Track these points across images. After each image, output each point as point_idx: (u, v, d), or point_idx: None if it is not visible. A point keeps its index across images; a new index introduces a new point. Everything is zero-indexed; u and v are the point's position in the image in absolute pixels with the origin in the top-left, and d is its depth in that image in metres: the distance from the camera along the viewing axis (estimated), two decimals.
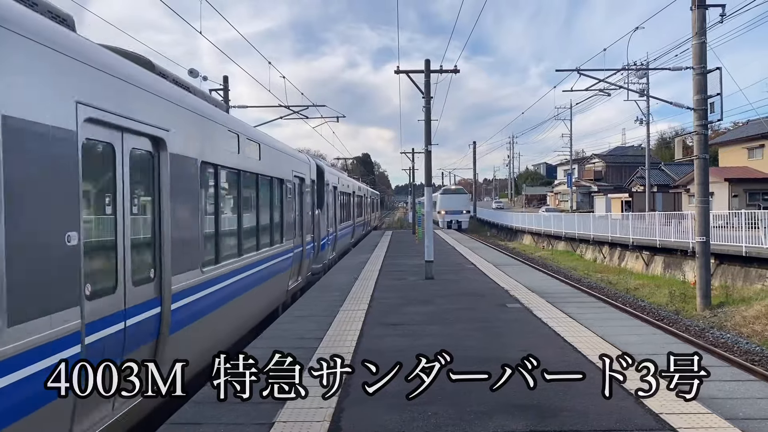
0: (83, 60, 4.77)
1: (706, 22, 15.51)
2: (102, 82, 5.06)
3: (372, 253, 24.21)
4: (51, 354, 4.15)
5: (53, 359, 4.10)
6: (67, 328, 4.36)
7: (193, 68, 20.07)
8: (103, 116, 4.99)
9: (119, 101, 5.31)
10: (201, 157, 7.30)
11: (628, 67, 23.50)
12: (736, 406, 5.83)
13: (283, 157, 12.58)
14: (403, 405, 6.01)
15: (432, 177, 17.98)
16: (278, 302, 12.39)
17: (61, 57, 4.46)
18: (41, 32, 4.30)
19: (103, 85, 5.08)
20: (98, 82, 5.00)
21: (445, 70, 17.44)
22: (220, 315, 8.03)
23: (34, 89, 4.18)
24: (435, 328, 9.71)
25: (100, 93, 5.00)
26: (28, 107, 4.05)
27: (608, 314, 10.64)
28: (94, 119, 4.85)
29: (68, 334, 4.38)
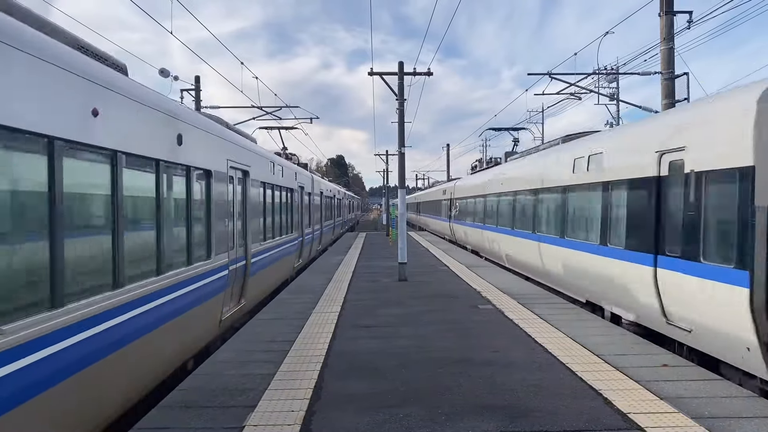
0: (230, 140, 10.58)
1: (674, 28, 15.80)
2: (234, 150, 10.77)
3: (346, 254, 24.16)
4: (224, 270, 9.75)
5: (225, 272, 9.76)
6: (226, 260, 9.90)
7: (164, 68, 19.80)
8: (233, 164, 10.64)
9: (237, 156, 11.02)
10: (260, 178, 13.28)
11: (599, 72, 23.80)
12: (701, 405, 5.94)
13: (294, 173, 18.97)
14: (374, 407, 6.01)
15: (406, 179, 18.01)
16: (289, 274, 17.55)
17: (225, 143, 10.20)
18: (229, 137, 10.70)
19: (234, 151, 10.76)
20: (233, 150, 10.71)
21: (419, 73, 17.49)
22: (267, 271, 13.79)
23: (219, 157, 9.69)
24: (408, 329, 9.72)
25: (233, 154, 10.67)
26: (218, 165, 9.54)
27: (578, 315, 10.76)
28: (232, 165, 10.52)
29: (226, 263, 9.91)
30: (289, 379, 6.99)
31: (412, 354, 8.12)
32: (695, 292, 7.66)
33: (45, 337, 4.64)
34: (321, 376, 7.14)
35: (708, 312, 7.41)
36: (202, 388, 6.72)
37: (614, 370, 7.16)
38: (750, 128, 6.73)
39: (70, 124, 5.12)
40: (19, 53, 4.46)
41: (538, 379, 6.89)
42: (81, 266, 5.34)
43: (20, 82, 4.47)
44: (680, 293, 8.05)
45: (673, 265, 8.21)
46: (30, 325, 4.46)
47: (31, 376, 4.43)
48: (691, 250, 7.80)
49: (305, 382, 6.88)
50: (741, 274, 6.68)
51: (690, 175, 7.94)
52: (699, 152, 7.80)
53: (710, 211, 7.51)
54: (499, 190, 20.26)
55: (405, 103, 17.31)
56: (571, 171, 12.97)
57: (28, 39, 4.64)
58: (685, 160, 8.11)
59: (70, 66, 5.20)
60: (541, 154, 16.05)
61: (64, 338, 4.92)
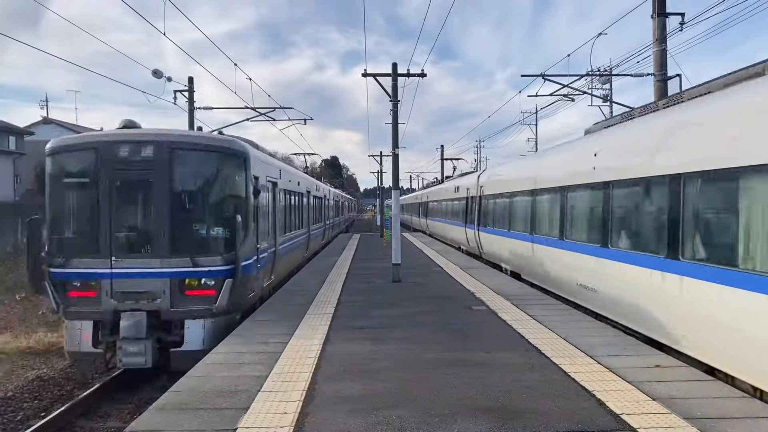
0: (267, 162, 13.94)
1: (666, 30, 15.87)
2: (269, 167, 13.90)
3: (340, 255, 24.14)
4: (269, 251, 13.64)
5: (271, 252, 13.96)
6: (270, 246, 13.80)
7: (157, 69, 19.75)
8: (268, 177, 13.62)
9: (269, 172, 13.78)
10: (286, 187, 16.66)
11: (592, 73, 23.89)
12: (694, 405, 5.96)
13: (310, 183, 24.31)
14: (367, 409, 6.00)
15: (400, 180, 18.01)
16: (300, 261, 20.84)
17: (265, 165, 13.50)
18: (265, 160, 14.17)
19: (268, 167, 13.67)
20: (270, 167, 14.04)
21: (413, 74, 17.50)
22: (290, 255, 17.57)
23: (263, 175, 12.93)
24: (401, 331, 9.71)
25: (271, 171, 14.02)
26: (273, 178, 14.53)
27: (571, 316, 10.77)
28: (268, 179, 13.60)
29: (270, 248, 13.87)
30: (282, 381, 6.98)
31: (406, 355, 8.12)
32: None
33: (289, 237, 16.82)
34: (314, 377, 7.13)
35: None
36: (195, 389, 6.70)
37: (607, 371, 7.18)
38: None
39: (299, 188, 19.89)
40: (263, 161, 13.08)
41: (531, 380, 6.91)
42: (299, 221, 18.87)
43: (269, 170, 13.79)
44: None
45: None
46: (286, 236, 16.14)
47: (283, 247, 15.56)
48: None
49: (298, 383, 6.87)
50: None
51: None
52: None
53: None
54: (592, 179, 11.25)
55: (399, 104, 17.32)
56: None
57: (263, 157, 13.61)
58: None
59: (271, 161, 14.80)
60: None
61: (293, 239, 17.42)
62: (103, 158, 10.19)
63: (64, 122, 65.87)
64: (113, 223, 10.16)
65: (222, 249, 10.46)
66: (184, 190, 10.58)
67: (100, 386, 10.52)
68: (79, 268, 10.08)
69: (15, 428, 9.15)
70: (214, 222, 10.70)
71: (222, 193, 10.98)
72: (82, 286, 10.06)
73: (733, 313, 6.69)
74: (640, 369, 7.26)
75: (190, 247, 10.30)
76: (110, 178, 10.16)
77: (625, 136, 10.55)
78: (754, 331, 6.31)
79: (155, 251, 10.16)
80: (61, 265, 10.08)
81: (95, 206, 10.18)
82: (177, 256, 10.14)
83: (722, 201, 7.32)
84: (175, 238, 10.22)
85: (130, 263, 10.07)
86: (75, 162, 10.56)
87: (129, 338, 9.76)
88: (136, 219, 10.49)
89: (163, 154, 10.25)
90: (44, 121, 62.56)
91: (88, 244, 10.22)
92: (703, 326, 7.36)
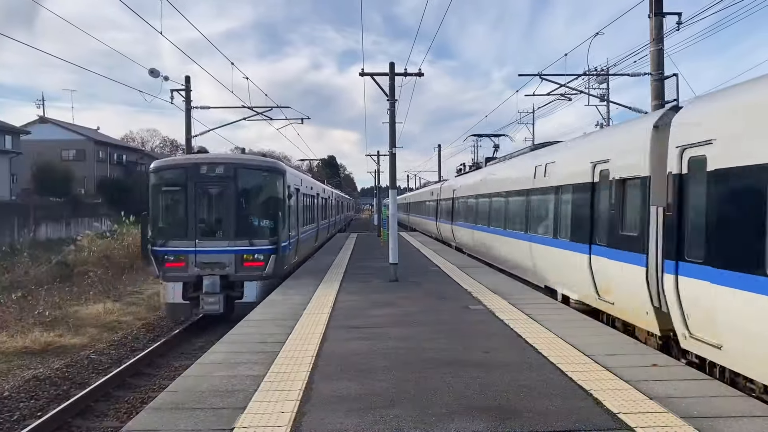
0: (294, 175, 19.53)
1: (663, 29, 15.88)
2: (295, 178, 18.86)
3: (337, 255, 24.13)
4: (295, 238, 18.41)
5: (295, 239, 18.43)
6: (295, 235, 18.52)
7: (153, 68, 19.74)
8: (295, 186, 18.58)
9: (295, 182, 18.67)
10: (304, 192, 20.80)
11: (589, 73, 23.91)
12: (691, 404, 5.96)
13: (319, 187, 28.84)
14: (364, 409, 6.00)
15: (397, 179, 18.02)
16: (312, 249, 25.17)
17: (293, 177, 18.65)
18: (293, 173, 19.82)
19: (294, 179, 18.67)
20: (295, 178, 19.07)
21: (410, 74, 17.51)
22: (306, 242, 21.24)
23: (292, 185, 17.87)
24: (398, 330, 9.71)
25: (296, 181, 19.05)
26: (297, 186, 19.44)
27: (569, 316, 10.78)
28: (295, 187, 18.81)
29: (295, 236, 18.51)
30: (279, 381, 6.97)
31: (403, 355, 8.11)
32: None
33: (306, 229, 21.81)
34: (311, 377, 7.12)
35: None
36: (192, 389, 6.68)
37: (604, 370, 7.18)
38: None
39: (312, 191, 24.62)
40: (292, 174, 18.38)
41: (528, 379, 6.91)
42: (312, 218, 24.15)
43: (295, 180, 18.82)
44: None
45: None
46: (304, 228, 21.09)
47: (303, 236, 20.58)
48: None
49: (295, 383, 6.86)
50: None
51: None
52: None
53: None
54: None
55: (396, 103, 17.34)
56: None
57: (292, 171, 19.71)
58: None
59: (296, 173, 20.86)
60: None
61: (309, 230, 22.72)
62: (189, 174, 15.20)
63: (60, 121, 65.75)
64: (196, 217, 15.15)
65: (268, 235, 15.52)
66: (243, 195, 15.49)
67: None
68: (174, 247, 15.00)
69: (11, 428, 9.12)
70: (262, 217, 15.72)
71: (268, 198, 15.95)
72: (175, 259, 14.94)
73: (550, 256, 13.43)
74: (636, 368, 7.27)
75: (247, 233, 15.28)
76: (194, 187, 15.11)
77: (495, 168, 21.29)
78: (553, 260, 13.22)
79: (224, 236, 15.14)
80: (161, 245, 15.05)
81: (184, 206, 15.17)
82: (239, 239, 15.09)
83: (520, 205, 15.91)
84: (238, 227, 15.22)
85: (208, 244, 15.01)
86: (170, 176, 15.50)
87: (208, 293, 14.66)
88: (212, 215, 15.42)
89: (229, 171, 15.24)
90: (40, 121, 62.42)
91: (180, 232, 15.11)
92: (537, 264, 14.40)
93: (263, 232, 15.48)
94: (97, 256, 29.21)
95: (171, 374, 11.86)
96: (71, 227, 44.54)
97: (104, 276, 25.63)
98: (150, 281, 25.15)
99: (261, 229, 15.53)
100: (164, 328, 16.30)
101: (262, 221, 15.68)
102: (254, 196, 15.86)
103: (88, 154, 62.45)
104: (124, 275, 26.73)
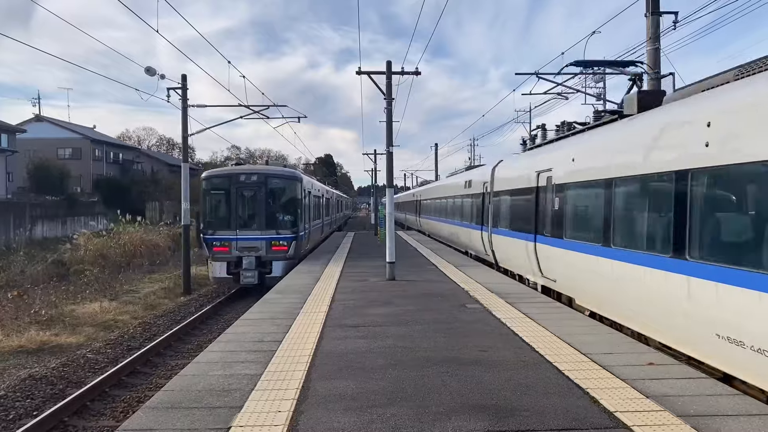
0: (308, 180, 25.63)
1: (660, 28, 15.90)
2: (308, 183, 24.65)
3: (334, 254, 24.12)
4: (308, 229, 24.00)
5: (307, 231, 23.77)
6: (308, 227, 23.84)
7: (150, 66, 19.67)
8: (308, 189, 24.09)
9: (308, 186, 24.23)
10: (314, 193, 26.82)
11: (586, 72, 23.90)
12: (687, 402, 5.97)
13: (324, 189, 33.82)
14: (362, 407, 5.99)
15: (394, 178, 17.97)
16: (320, 240, 30.73)
17: (308, 182, 24.95)
18: (307, 179, 26.07)
19: (308, 183, 24.46)
20: (308, 183, 24.74)
21: (407, 72, 17.47)
22: (314, 233, 27.11)
23: (306, 188, 23.98)
24: (395, 329, 9.71)
25: (309, 185, 24.74)
26: (309, 188, 25.11)
27: (565, 314, 10.79)
28: (308, 190, 24.61)
29: (308, 228, 23.79)
30: (276, 380, 6.96)
31: (400, 353, 8.11)
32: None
33: (315, 223, 27.32)
34: (308, 376, 7.11)
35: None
36: (188, 388, 6.67)
37: (601, 369, 7.19)
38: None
39: (319, 192, 30.64)
40: (306, 180, 24.36)
41: (525, 378, 6.91)
42: (319, 213, 30.65)
43: (308, 185, 25.22)
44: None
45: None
46: (313, 222, 26.75)
47: (313, 228, 26.66)
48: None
49: (293, 382, 6.85)
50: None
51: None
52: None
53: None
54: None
55: (393, 102, 17.29)
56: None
57: (306, 177, 25.74)
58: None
59: (308, 179, 26.19)
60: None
61: (316, 224, 28.37)
62: (231, 181, 20.46)
63: (56, 120, 65.50)
64: (237, 213, 20.32)
65: (290, 226, 20.68)
66: (271, 197, 20.71)
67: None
68: (220, 235, 20.10)
69: (7, 427, 9.09)
70: (285, 213, 20.95)
71: (289, 199, 21.22)
72: (221, 244, 20.01)
73: (480, 238, 19.60)
74: (633, 366, 7.28)
75: (274, 225, 20.45)
76: (235, 191, 20.33)
77: (449, 180, 30.77)
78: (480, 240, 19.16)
79: (257, 227, 20.28)
80: (211, 234, 20.20)
81: (227, 205, 20.39)
82: (268, 229, 20.28)
83: (478, 203, 20.34)
84: (267, 221, 20.38)
85: (245, 233, 20.14)
86: (217, 183, 20.72)
87: (247, 269, 19.86)
88: (248, 211, 20.55)
89: (261, 179, 20.52)
90: (36, 119, 62.17)
91: (224, 224, 20.27)
92: (475, 244, 20.77)
93: (286, 224, 20.72)
94: (94, 255, 29.16)
95: (167, 373, 11.85)
96: (67, 226, 44.43)
97: (100, 275, 25.60)
98: (146, 280, 25.12)
99: (284, 222, 20.76)
100: (161, 327, 16.28)
101: (285, 216, 20.88)
102: (279, 197, 21.14)
103: (84, 153, 62.24)
104: (121, 274, 26.69)
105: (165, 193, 58.28)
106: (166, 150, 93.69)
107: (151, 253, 32.80)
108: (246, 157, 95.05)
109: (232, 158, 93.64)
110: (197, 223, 22.74)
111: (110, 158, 67.51)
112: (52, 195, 46.81)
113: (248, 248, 19.98)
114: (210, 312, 18.07)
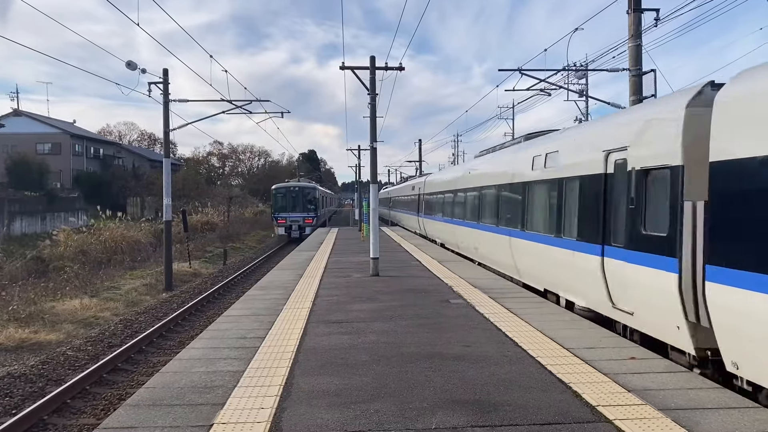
0: (319, 188, 54.44)
1: (641, 25, 16.02)
2: (319, 189, 54.64)
3: (317, 250, 24.06)
4: (319, 213, 49.17)
5: (318, 214, 48.10)
6: (318, 213, 49.46)
7: (130, 60, 19.45)
8: (319, 192, 51.60)
9: (319, 191, 52.00)
10: (321, 194, 51.30)
11: (568, 68, 24.02)
12: (668, 396, 6.03)
13: (323, 190, 58.86)
14: (345, 403, 5.98)
15: (378, 174, 17.97)
16: (323, 221, 54.62)
17: (319, 188, 53.17)
18: (319, 187, 52.66)
19: (319, 190, 53.09)
20: (319, 189, 53.67)
21: (391, 68, 17.43)
22: (321, 217, 51.35)
23: (319, 193, 51.06)
24: (379, 325, 9.70)
25: (320, 190, 54.82)
26: (319, 191, 50.32)
27: (547, 309, 10.86)
28: (320, 193, 52.42)
29: (318, 213, 49.31)
30: (259, 376, 6.92)
31: (384, 349, 8.10)
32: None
33: (321, 211, 51.79)
34: (291, 372, 7.08)
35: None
36: (170, 385, 6.61)
37: (583, 363, 7.24)
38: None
39: (322, 194, 57.01)
40: (319, 188, 51.52)
41: (508, 373, 6.94)
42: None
43: (319, 190, 50.85)
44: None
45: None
46: (320, 210, 52.36)
47: (321, 214, 51.47)
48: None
49: (276, 378, 6.82)
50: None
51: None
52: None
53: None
54: None
55: (377, 98, 17.28)
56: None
57: (319, 186, 53.93)
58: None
59: (319, 188, 52.30)
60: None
61: (322, 211, 54.45)
62: (287, 189, 45.30)
63: (35, 114, 64.56)
64: (289, 204, 44.01)
65: (313, 211, 44.33)
66: (304, 197, 44.50)
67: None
68: (282, 215, 43.69)
69: None
70: (310, 204, 44.43)
71: (312, 198, 44.75)
72: (282, 218, 43.61)
73: (435, 226, 28.37)
74: (615, 361, 7.34)
75: (307, 211, 44.07)
76: (288, 194, 44.58)
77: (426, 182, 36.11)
78: (436, 228, 27.85)
79: (299, 211, 43.81)
80: (276, 215, 44.01)
81: (284, 200, 44.19)
82: (304, 213, 43.96)
83: (438, 201, 27.30)
84: (303, 209, 43.98)
85: (293, 214, 43.60)
86: (280, 189, 45.26)
87: (293, 230, 43.40)
88: (294, 204, 43.99)
89: (299, 188, 45.47)
90: (15, 113, 61.18)
91: (284, 209, 43.80)
92: (433, 231, 28.77)
93: (311, 210, 43.84)
94: (74, 251, 28.82)
95: (149, 370, 11.75)
96: (47, 222, 43.83)
97: (81, 271, 25.28)
98: (127, 277, 24.87)
99: (310, 209, 43.85)
100: (142, 324, 16.13)
101: (310, 206, 43.94)
102: (307, 197, 44.16)
103: (63, 148, 61.37)
104: (102, 270, 26.40)
105: (146, 189, 57.76)
106: (147, 145, 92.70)
107: (132, 249, 32.49)
108: (228, 152, 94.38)
109: (215, 153, 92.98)
110: (272, 209, 45.57)
111: (91, 153, 66.66)
112: (31, 191, 46.14)
113: (294, 221, 43.19)
114: (192, 309, 17.95)
